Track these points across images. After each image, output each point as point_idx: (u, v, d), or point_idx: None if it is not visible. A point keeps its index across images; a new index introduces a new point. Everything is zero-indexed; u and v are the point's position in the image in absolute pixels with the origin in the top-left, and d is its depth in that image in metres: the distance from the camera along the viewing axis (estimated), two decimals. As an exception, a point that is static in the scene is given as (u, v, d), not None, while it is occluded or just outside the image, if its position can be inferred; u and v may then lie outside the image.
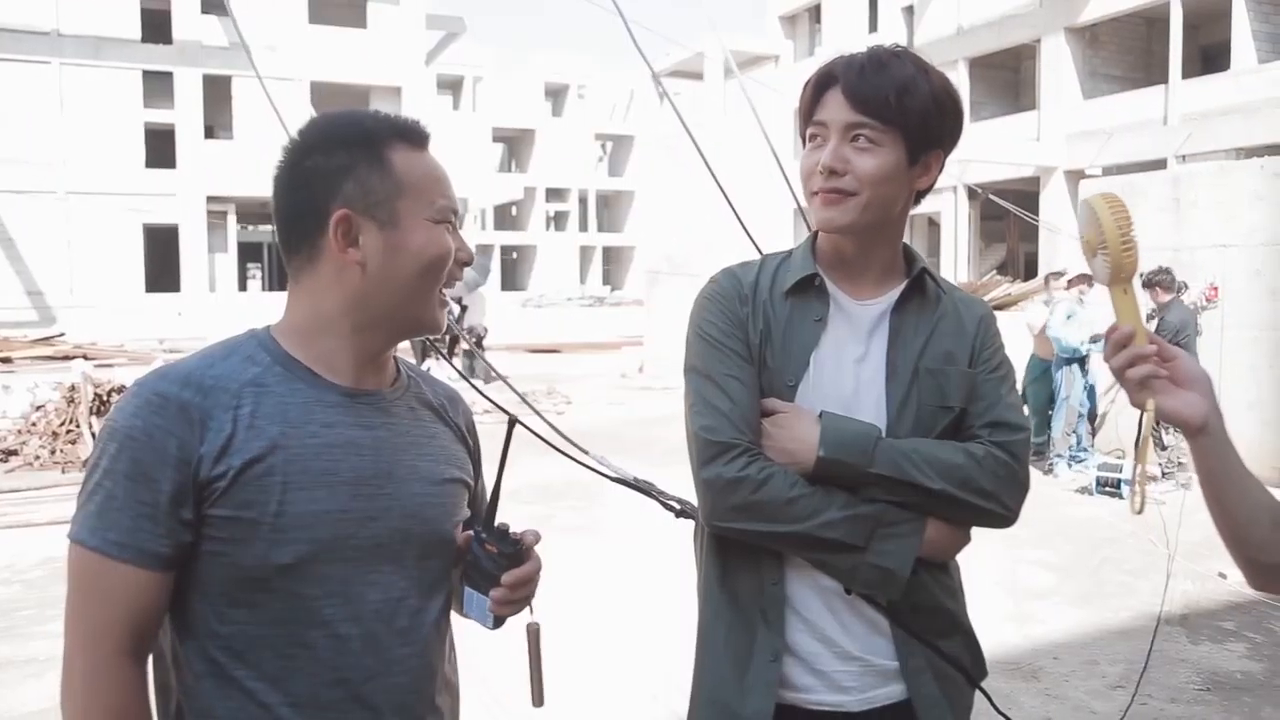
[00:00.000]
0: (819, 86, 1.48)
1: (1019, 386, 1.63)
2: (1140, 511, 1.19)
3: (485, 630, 1.34)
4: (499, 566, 1.28)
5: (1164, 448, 7.82)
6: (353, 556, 1.21)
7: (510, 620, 1.33)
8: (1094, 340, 8.60)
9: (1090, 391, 9.05)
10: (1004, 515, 1.48)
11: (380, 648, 1.23)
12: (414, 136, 1.27)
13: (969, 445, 1.47)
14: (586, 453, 2.46)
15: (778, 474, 1.42)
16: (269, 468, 1.16)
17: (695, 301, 1.58)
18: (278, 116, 2.71)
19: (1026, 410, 9.08)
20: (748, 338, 1.50)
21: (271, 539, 1.16)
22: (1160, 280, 7.81)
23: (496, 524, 1.30)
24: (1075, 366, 8.74)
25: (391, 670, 1.24)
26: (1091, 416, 9.25)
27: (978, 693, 1.59)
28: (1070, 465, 8.89)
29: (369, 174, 1.21)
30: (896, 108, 1.42)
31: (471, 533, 1.31)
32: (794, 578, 1.48)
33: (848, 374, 1.50)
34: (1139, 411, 1.15)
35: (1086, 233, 1.21)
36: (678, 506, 2.06)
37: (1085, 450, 9.07)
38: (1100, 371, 9.01)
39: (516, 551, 1.29)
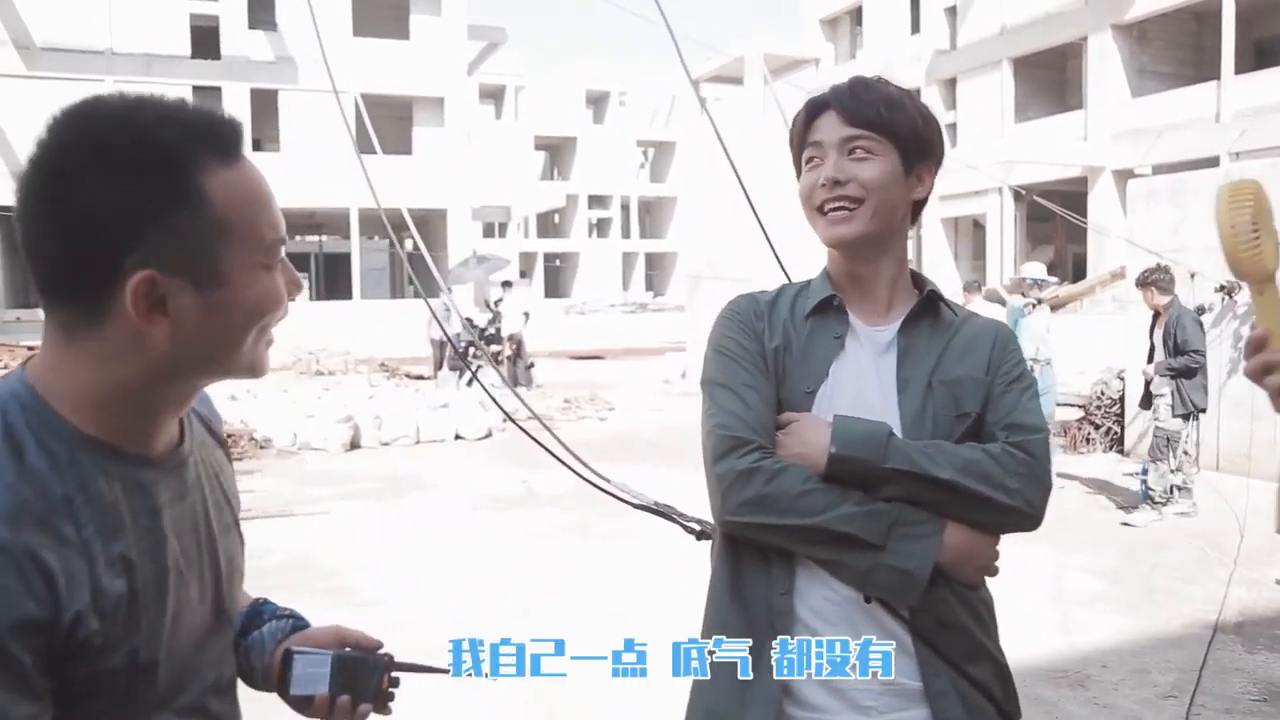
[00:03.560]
0: (810, 113, 1.56)
1: None
2: None
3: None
4: (369, 690, 1.17)
5: (1187, 453, 7.28)
6: (192, 648, 1.04)
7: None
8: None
9: None
10: (1028, 514, 1.45)
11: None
12: (227, 145, 0.96)
13: (986, 445, 1.46)
14: (608, 480, 2.47)
15: (792, 468, 1.41)
16: (128, 592, 0.93)
17: (714, 323, 1.61)
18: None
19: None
20: (763, 349, 1.53)
21: (136, 673, 0.95)
22: (1155, 280, 7.15)
23: (404, 672, 1.21)
24: None
25: None
26: None
27: None
28: None
29: (178, 215, 0.91)
30: (888, 119, 1.50)
31: (386, 651, 1.20)
32: (807, 588, 1.44)
33: (866, 386, 1.51)
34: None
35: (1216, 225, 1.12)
36: (697, 528, 2.03)
37: None
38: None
39: (383, 691, 1.19)
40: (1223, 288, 8.33)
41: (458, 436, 10.89)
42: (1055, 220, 21.68)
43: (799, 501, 1.39)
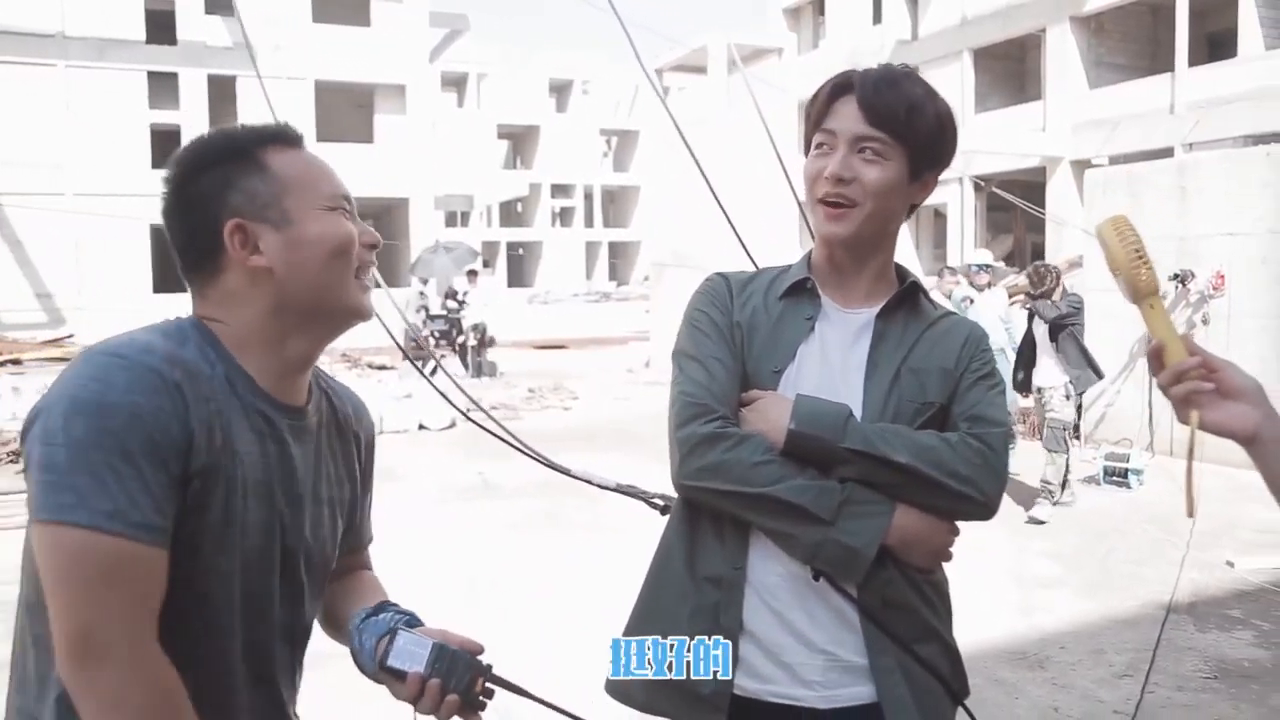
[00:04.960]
0: (833, 94, 1.54)
1: None
2: (1192, 515, 1.22)
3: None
4: (461, 683, 1.25)
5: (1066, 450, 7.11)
6: (267, 570, 1.24)
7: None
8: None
9: None
10: (981, 503, 1.48)
11: (263, 660, 1.26)
12: (286, 138, 1.29)
13: (945, 433, 1.50)
14: (569, 471, 2.51)
15: (752, 439, 1.45)
16: (229, 468, 1.16)
17: (690, 298, 1.64)
18: (273, 115, 2.73)
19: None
20: (733, 324, 1.56)
21: (219, 540, 1.16)
22: (1042, 277, 7.14)
23: (500, 688, 1.29)
24: None
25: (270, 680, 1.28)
26: None
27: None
28: None
29: (249, 180, 1.23)
30: (906, 124, 1.49)
31: (484, 660, 1.29)
32: (759, 563, 1.48)
33: (832, 369, 1.54)
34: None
35: (1105, 257, 1.24)
36: (661, 503, 2.08)
37: None
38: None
39: (477, 700, 1.27)
40: (1176, 276, 8.50)
41: (421, 427, 10.83)
42: (1014, 210, 21.95)
43: (754, 471, 1.43)
